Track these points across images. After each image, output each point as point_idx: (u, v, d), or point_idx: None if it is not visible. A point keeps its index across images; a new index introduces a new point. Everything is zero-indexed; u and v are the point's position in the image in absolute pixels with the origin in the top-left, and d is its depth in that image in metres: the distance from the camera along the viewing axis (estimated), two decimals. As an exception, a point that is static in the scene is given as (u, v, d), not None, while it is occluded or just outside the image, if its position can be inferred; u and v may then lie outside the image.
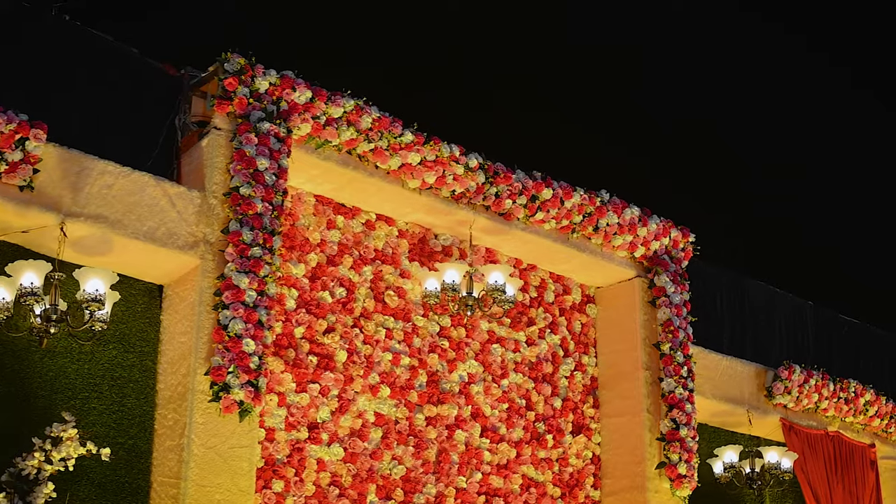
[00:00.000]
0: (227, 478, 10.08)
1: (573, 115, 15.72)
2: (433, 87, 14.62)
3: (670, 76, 16.63)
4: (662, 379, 13.12)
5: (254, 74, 10.84)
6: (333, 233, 11.81)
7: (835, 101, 17.37)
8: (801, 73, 17.30)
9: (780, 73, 17.20)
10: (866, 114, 17.71)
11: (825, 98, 17.32)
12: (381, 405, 11.77)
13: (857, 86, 17.69)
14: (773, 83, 17.18)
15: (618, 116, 16.05)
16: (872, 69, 17.92)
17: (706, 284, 14.79)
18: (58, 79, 10.59)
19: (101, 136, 10.71)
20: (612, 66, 16.14)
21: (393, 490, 11.66)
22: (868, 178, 18.02)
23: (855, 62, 17.76)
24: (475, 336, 12.62)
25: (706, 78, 16.72)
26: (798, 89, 17.24)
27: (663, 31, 16.30)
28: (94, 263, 10.19)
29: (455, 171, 11.92)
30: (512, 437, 12.67)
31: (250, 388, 10.12)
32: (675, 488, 12.87)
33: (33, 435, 9.50)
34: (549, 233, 12.87)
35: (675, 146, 17.01)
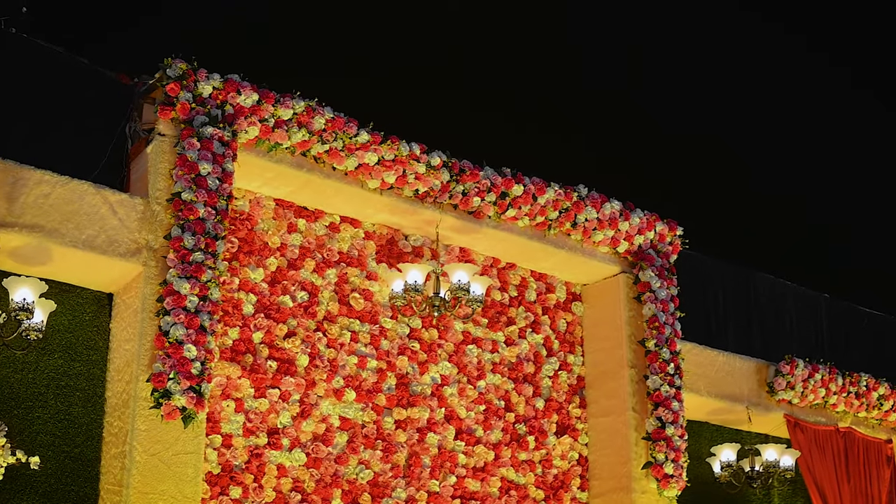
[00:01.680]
0: (171, 485, 10.28)
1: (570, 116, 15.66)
2: (426, 87, 14.67)
3: (670, 76, 16.56)
4: (648, 377, 13.05)
5: (196, 79, 11.01)
6: (294, 236, 11.98)
7: (835, 101, 17.16)
8: (802, 72, 17.12)
9: (781, 73, 17.03)
10: (866, 113, 17.47)
11: (825, 98, 17.11)
12: (347, 409, 11.92)
13: (857, 86, 17.44)
14: (773, 83, 17.03)
15: (616, 117, 15.98)
16: (873, 69, 17.65)
17: (709, 279, 14.69)
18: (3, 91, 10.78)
19: (50, 147, 11.00)
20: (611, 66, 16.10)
21: (360, 494, 11.80)
22: (868, 174, 17.73)
23: (855, 62, 17.53)
24: (448, 337, 12.72)
25: (707, 79, 16.62)
26: (798, 89, 17.06)
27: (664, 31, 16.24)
28: (34, 273, 10.49)
29: (416, 170, 12.02)
30: (489, 439, 12.74)
31: (192, 394, 10.30)
32: (662, 488, 12.86)
33: (-30, 445, 9.77)
34: (524, 230, 12.92)
35: (676, 146, 16.92)
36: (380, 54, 15.37)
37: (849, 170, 17.48)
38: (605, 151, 16.24)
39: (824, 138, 17.36)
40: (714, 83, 16.85)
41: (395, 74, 15.36)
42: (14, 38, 11.18)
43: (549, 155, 14.40)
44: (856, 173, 17.60)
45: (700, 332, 14.42)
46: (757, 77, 17.09)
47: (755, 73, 16.94)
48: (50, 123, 11.15)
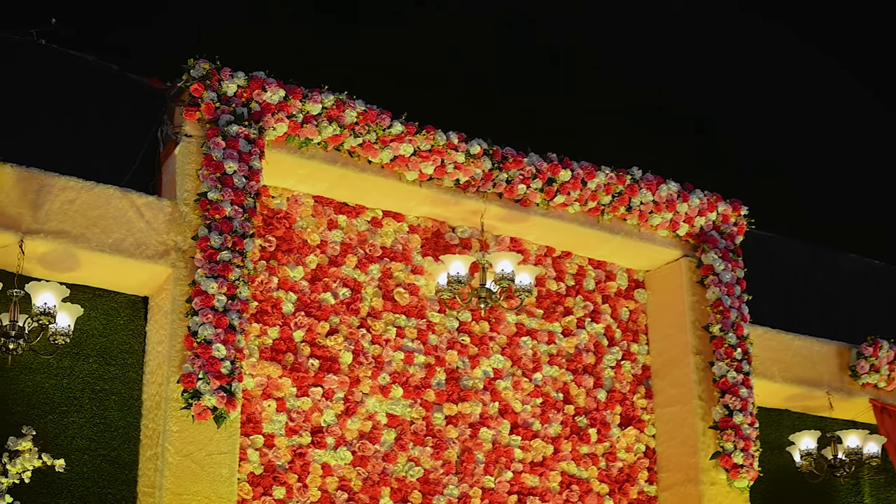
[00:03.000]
0: (205, 485, 10.56)
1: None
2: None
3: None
4: (714, 363, 12.97)
5: (220, 78, 11.30)
6: (335, 233, 12.20)
7: (838, 100, 16.81)
8: (801, 70, 16.82)
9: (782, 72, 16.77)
10: (868, 113, 17.07)
11: (828, 96, 16.79)
12: (394, 406, 12.09)
13: (866, 86, 17.05)
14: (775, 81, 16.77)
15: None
16: (874, 69, 17.24)
17: (787, 261, 14.55)
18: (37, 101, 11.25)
19: (83, 155, 11.41)
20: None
21: (409, 492, 11.96)
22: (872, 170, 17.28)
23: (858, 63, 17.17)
24: (501, 330, 12.82)
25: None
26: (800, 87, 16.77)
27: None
28: (65, 279, 10.92)
29: (456, 160, 12.15)
30: (548, 432, 12.80)
31: (223, 394, 10.55)
32: (732, 479, 12.78)
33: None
34: (576, 216, 12.98)
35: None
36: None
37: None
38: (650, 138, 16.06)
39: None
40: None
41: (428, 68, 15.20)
42: (44, 49, 11.54)
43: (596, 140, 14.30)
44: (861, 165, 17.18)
45: (778, 316, 14.21)
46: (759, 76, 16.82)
47: (755, 71, 16.66)
48: (82, 131, 11.55)
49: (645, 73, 15.92)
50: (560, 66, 15.74)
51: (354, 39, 14.42)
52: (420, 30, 14.77)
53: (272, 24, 13.82)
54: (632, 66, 15.85)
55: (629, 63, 15.80)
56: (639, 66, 15.91)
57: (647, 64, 16.01)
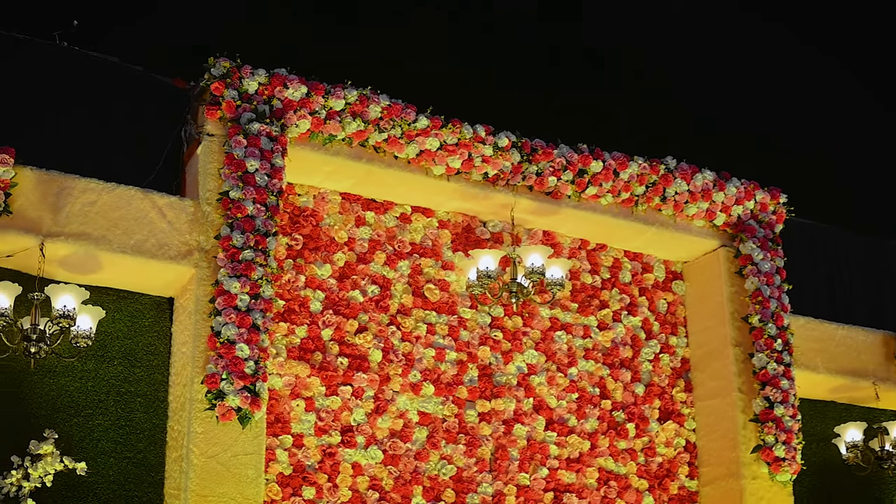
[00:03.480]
0: (230, 487, 10.47)
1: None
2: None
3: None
4: (753, 355, 12.71)
5: (241, 76, 11.20)
6: (363, 230, 12.07)
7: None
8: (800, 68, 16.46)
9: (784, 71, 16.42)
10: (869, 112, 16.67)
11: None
12: (426, 403, 11.95)
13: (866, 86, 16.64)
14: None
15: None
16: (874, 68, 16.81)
17: (831, 249, 14.25)
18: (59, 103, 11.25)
19: (108, 156, 11.36)
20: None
21: (442, 491, 11.81)
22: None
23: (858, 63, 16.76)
24: (534, 325, 12.64)
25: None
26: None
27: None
28: (86, 281, 10.88)
29: (483, 153, 11.98)
30: (584, 428, 12.60)
31: (247, 394, 10.45)
32: (774, 473, 12.52)
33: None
34: (609, 208, 12.78)
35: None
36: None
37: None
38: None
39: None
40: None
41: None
42: (66, 51, 11.50)
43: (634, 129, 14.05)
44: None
45: (822, 306, 13.91)
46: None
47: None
48: (106, 134, 11.50)
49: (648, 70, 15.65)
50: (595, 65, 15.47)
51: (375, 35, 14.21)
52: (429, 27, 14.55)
53: (277, 24, 13.62)
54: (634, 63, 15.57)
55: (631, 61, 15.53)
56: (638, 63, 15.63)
57: (648, 62, 15.75)
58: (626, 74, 15.49)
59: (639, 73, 15.72)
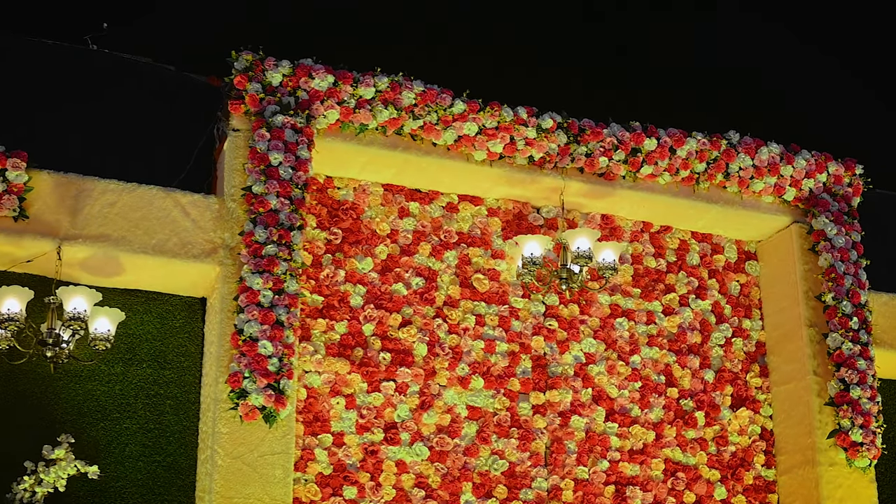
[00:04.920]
0: (257, 488, 9.88)
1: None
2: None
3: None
4: (827, 335, 11.56)
5: (264, 68, 10.57)
6: (407, 221, 11.36)
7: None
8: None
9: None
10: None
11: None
12: (475, 397, 11.18)
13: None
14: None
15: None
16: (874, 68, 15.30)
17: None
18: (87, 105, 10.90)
19: (140, 157, 10.95)
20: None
21: (494, 487, 11.02)
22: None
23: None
24: (593, 312, 11.72)
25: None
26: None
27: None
28: (111, 284, 10.51)
29: (526, 135, 11.12)
30: (648, 418, 11.66)
31: (271, 392, 9.81)
32: (852, 459, 11.39)
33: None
34: (668, 187, 11.84)
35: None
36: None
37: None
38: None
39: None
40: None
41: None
42: (96, 54, 11.09)
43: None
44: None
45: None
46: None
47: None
48: (140, 135, 11.06)
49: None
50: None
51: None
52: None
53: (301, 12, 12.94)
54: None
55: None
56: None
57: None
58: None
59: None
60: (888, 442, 12.06)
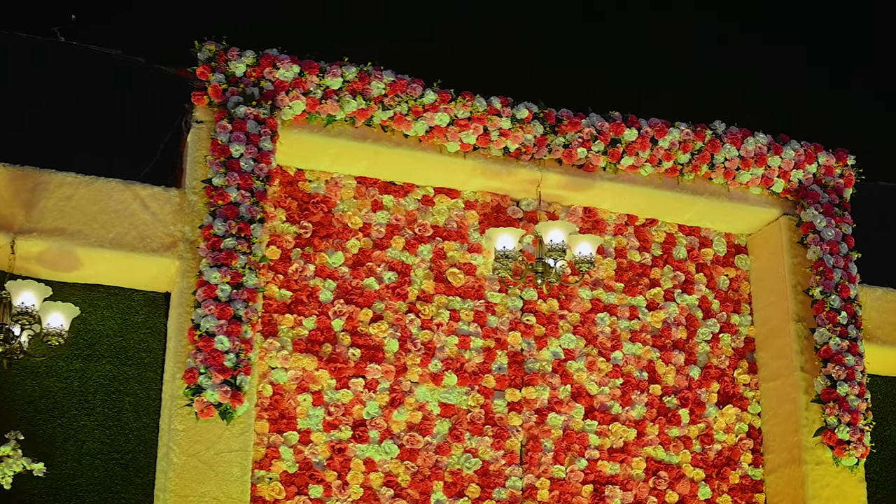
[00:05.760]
0: (213, 486, 9.55)
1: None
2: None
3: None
4: (814, 330, 11.00)
5: (228, 59, 10.20)
6: (380, 214, 10.94)
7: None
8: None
9: None
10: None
11: None
12: (448, 394, 10.74)
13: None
14: None
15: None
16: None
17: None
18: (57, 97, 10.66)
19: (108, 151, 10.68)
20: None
21: (466, 486, 10.55)
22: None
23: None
24: (573, 307, 11.21)
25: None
26: None
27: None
28: (69, 279, 10.23)
29: (500, 126, 10.66)
30: (629, 415, 11.12)
31: (227, 388, 9.43)
32: (838, 457, 10.81)
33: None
34: (651, 179, 11.34)
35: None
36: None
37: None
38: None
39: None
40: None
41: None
42: (66, 47, 10.76)
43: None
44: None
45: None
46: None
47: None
48: (108, 127, 10.74)
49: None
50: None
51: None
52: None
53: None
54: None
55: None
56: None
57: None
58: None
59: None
60: (883, 440, 11.48)
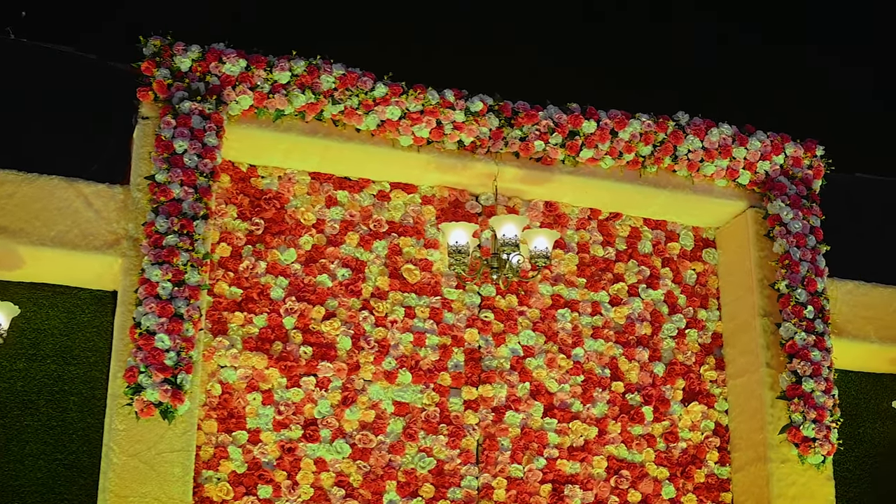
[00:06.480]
0: (154, 486, 9.35)
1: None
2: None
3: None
4: (780, 325, 10.67)
5: (173, 53, 9.98)
6: (334, 210, 10.70)
7: None
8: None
9: None
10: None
11: None
12: (402, 392, 10.47)
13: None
14: None
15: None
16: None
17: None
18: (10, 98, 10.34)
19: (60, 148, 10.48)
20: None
21: (420, 486, 10.26)
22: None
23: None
24: (532, 303, 10.91)
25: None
26: None
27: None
28: (15, 278, 10.05)
29: (454, 119, 10.39)
30: (591, 413, 10.81)
31: (167, 387, 9.21)
32: (804, 455, 10.44)
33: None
34: (612, 172, 11.02)
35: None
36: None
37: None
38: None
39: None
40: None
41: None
42: (16, 44, 10.58)
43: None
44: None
45: (886, 269, 11.68)
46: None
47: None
48: (60, 125, 10.53)
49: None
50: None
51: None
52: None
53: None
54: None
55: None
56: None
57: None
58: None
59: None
60: (857, 438, 11.12)
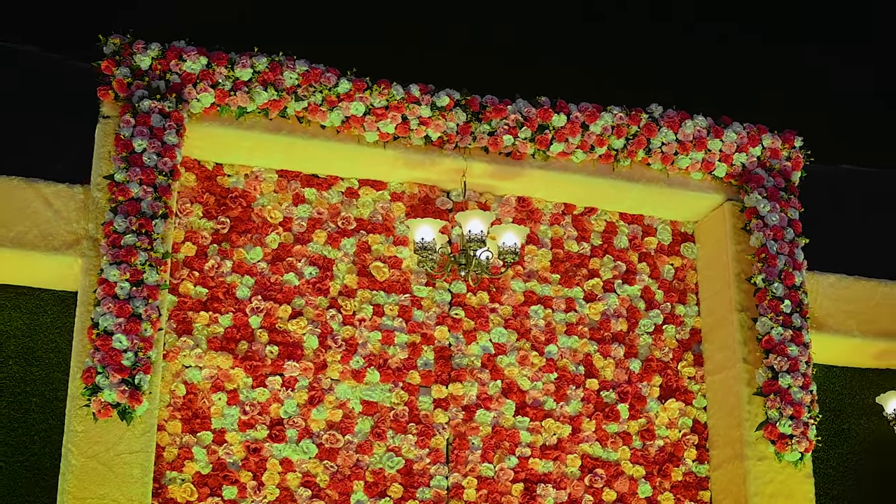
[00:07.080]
0: (112, 488, 9.24)
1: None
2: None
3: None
4: (756, 319, 10.42)
5: (133, 52, 9.86)
6: (301, 208, 10.55)
7: None
8: None
9: None
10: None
11: None
12: (370, 392, 10.29)
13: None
14: None
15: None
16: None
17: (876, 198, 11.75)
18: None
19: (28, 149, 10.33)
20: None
21: (388, 486, 10.08)
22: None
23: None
24: (505, 300, 10.72)
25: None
26: None
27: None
28: None
29: (420, 114, 10.21)
30: (564, 411, 10.59)
31: (125, 388, 9.08)
32: (780, 452, 10.19)
33: None
34: (584, 166, 10.80)
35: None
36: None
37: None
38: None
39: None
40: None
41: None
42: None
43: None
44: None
45: (868, 263, 11.42)
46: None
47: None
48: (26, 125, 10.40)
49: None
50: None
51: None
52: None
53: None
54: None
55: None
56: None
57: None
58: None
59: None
60: (841, 434, 10.85)
